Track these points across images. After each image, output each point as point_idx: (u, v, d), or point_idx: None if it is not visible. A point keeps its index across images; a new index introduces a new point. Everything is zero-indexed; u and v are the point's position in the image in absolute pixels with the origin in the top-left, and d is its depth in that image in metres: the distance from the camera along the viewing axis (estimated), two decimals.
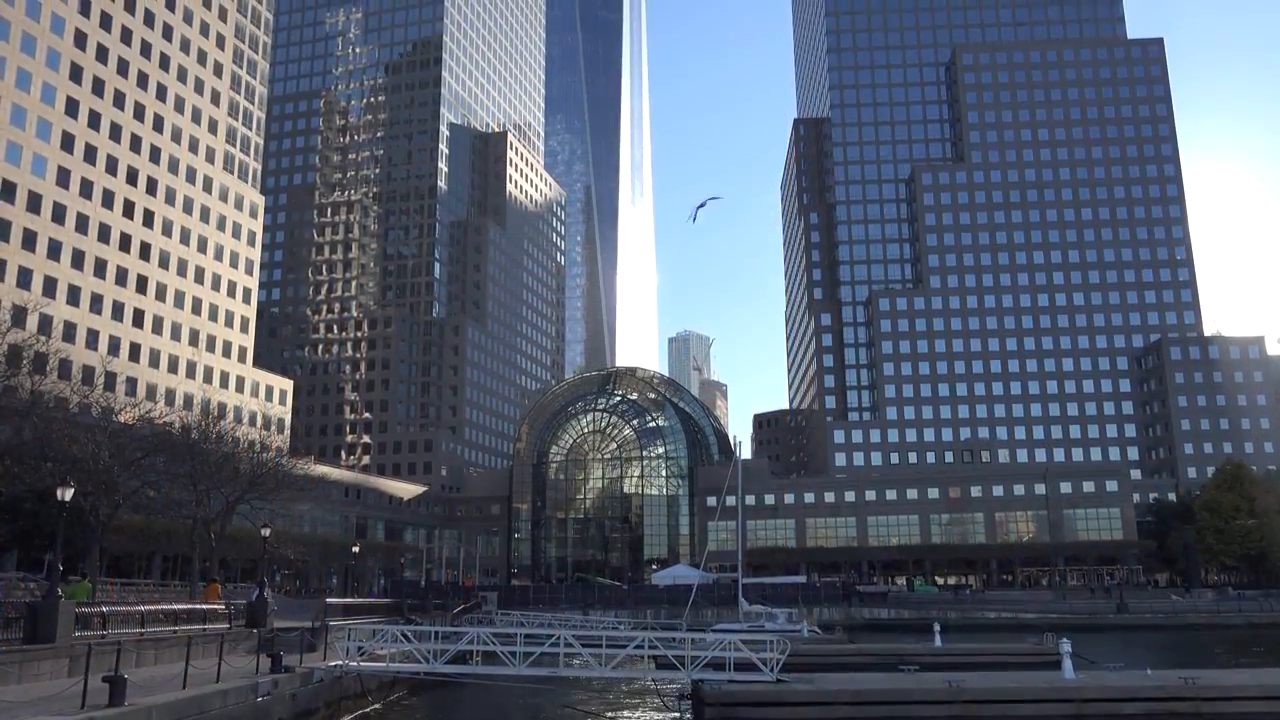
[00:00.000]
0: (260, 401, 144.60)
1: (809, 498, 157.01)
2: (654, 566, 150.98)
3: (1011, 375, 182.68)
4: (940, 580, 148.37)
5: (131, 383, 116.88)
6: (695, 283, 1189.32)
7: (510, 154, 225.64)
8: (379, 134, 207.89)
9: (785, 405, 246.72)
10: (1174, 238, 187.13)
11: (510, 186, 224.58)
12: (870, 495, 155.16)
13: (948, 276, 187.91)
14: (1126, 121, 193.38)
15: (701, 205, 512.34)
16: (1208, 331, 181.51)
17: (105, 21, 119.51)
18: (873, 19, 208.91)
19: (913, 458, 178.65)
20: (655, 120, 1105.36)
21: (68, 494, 31.01)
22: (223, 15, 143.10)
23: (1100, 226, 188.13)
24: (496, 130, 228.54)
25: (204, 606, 42.03)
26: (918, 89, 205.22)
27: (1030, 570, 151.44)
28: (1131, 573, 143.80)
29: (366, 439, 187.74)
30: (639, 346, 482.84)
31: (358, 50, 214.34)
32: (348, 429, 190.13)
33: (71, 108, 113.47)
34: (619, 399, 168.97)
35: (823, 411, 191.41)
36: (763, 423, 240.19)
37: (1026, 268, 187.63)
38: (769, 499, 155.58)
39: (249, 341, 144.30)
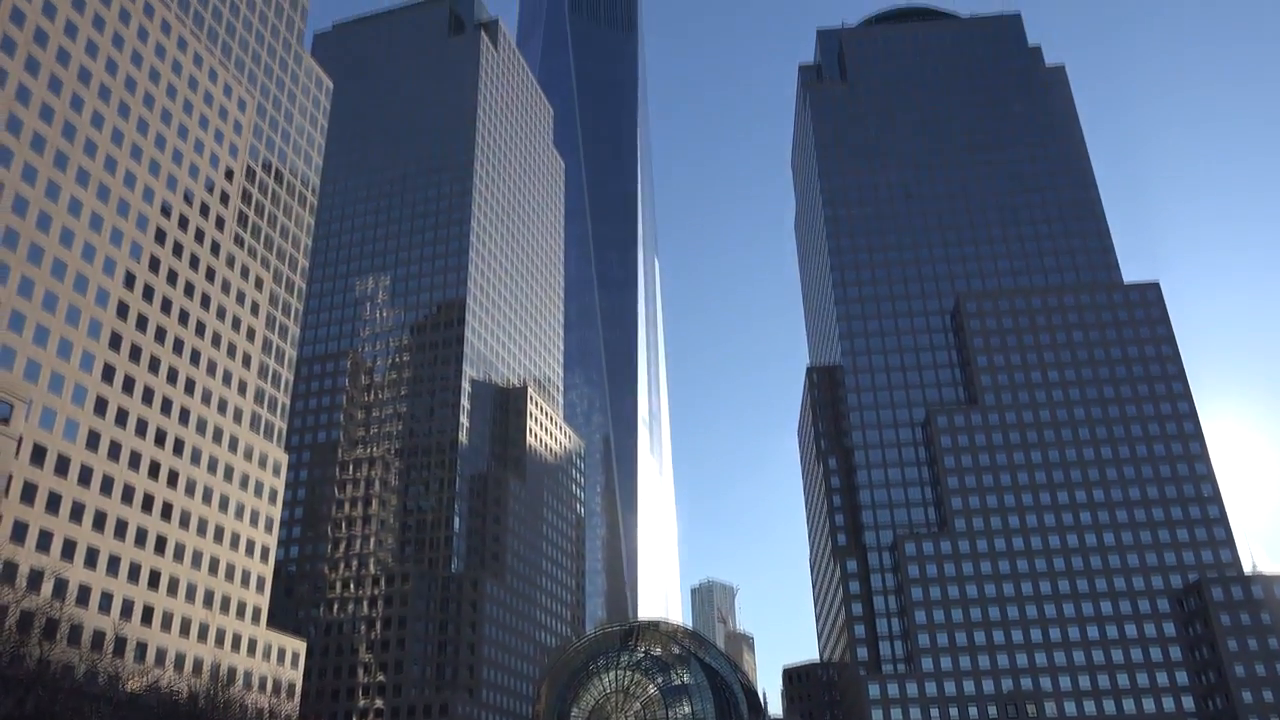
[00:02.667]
0: (272, 665, 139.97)
1: None
2: None
3: (1049, 620, 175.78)
4: None
5: (142, 647, 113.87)
6: (717, 531, 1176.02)
7: (530, 407, 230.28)
8: (402, 391, 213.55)
9: (815, 656, 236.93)
10: (1198, 474, 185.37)
11: (530, 439, 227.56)
12: None
13: (973, 519, 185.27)
14: (1134, 361, 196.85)
15: None
16: (1247, 569, 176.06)
17: (148, 294, 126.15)
18: (876, 271, 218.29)
19: (954, 712, 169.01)
20: (672, 371, 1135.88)
21: None
22: (259, 285, 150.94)
23: (1121, 465, 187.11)
24: (517, 385, 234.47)
25: None
26: (925, 335, 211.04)
27: None
28: None
29: (380, 703, 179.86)
30: (661, 597, 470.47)
31: (385, 313, 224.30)
32: (360, 692, 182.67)
33: (108, 374, 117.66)
34: (642, 654, 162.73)
35: (855, 664, 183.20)
36: (793, 677, 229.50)
37: (1052, 508, 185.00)
38: None
39: (264, 601, 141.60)
